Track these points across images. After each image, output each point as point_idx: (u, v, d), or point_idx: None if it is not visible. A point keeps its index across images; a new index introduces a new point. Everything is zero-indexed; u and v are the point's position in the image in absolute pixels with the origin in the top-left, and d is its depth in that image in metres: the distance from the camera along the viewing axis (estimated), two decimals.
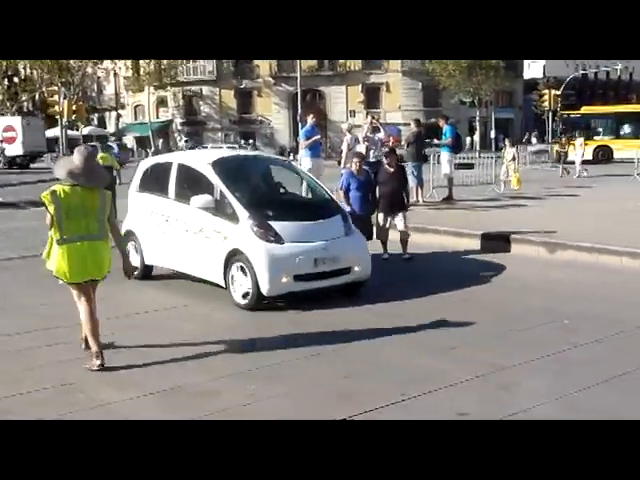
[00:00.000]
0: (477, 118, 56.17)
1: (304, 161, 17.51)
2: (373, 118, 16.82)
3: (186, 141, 58.10)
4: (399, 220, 11.74)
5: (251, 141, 57.53)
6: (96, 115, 71.92)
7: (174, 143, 61.19)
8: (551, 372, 6.31)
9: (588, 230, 12.78)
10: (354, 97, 60.42)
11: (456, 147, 18.84)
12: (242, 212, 8.91)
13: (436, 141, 20.07)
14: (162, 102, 65.91)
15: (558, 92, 40.20)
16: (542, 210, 16.54)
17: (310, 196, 10.53)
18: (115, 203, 16.82)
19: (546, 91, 40.00)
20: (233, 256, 8.84)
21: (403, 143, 20.05)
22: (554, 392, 5.81)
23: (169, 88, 63.23)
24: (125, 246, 7.94)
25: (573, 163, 28.51)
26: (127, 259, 7.21)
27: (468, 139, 55.61)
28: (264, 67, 61.31)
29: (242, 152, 12.17)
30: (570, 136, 31.54)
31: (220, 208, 9.11)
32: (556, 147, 32.63)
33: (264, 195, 10.01)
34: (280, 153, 56.28)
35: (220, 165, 9.65)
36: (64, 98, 26.77)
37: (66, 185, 6.57)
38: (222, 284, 9.04)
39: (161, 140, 21.23)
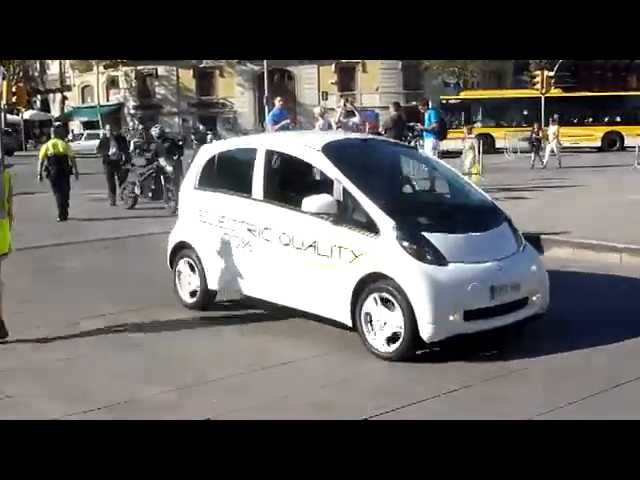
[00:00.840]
0: None
1: None
2: (347, 101, 16.91)
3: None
4: None
5: (209, 133, 57.03)
6: (39, 97, 71.24)
7: (127, 129, 60.82)
8: None
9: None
10: (326, 78, 60.50)
11: (441, 133, 18.96)
12: (384, 220, 6.98)
13: (419, 126, 20.20)
14: (113, 83, 65.48)
15: (551, 74, 40.53)
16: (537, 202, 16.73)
17: (460, 197, 8.33)
18: (66, 202, 16.79)
19: (538, 72, 40.27)
20: (370, 283, 6.96)
21: (380, 129, 20.17)
22: None
23: (121, 67, 62.84)
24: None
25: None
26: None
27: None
28: None
29: (349, 135, 10.26)
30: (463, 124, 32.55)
31: (346, 214, 7.23)
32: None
33: (409, 195, 8.45)
34: None
35: (336, 152, 7.82)
36: (2, 78, 26.38)
37: None
38: (347, 322, 7.19)
39: (108, 126, 21.20)
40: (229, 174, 8.88)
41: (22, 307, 9.04)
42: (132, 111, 65.41)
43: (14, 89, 27.92)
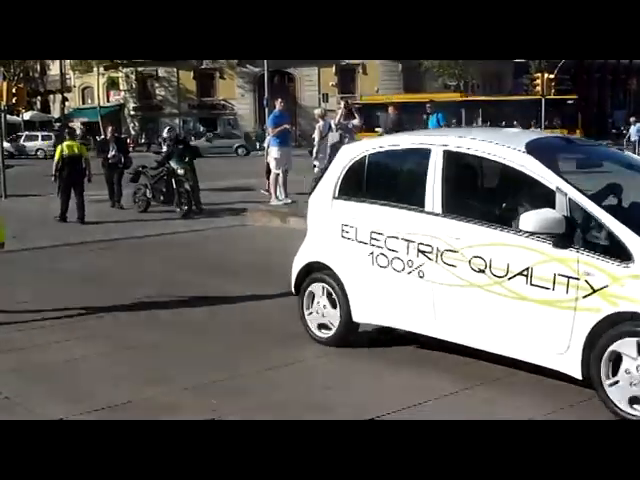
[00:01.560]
0: None
1: (272, 150, 17.55)
2: (347, 103, 16.92)
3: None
4: None
5: (209, 133, 56.91)
6: (39, 99, 71.31)
7: (127, 130, 60.86)
8: None
9: None
10: (327, 80, 60.58)
11: None
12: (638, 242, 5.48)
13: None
14: (113, 84, 65.51)
15: (552, 76, 40.59)
16: None
17: None
18: (82, 204, 16.65)
19: (538, 75, 40.34)
20: (616, 326, 5.52)
21: (381, 130, 20.18)
22: None
23: (121, 69, 62.91)
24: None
25: None
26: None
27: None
28: None
29: (543, 134, 8.50)
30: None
31: (575, 234, 5.74)
32: None
33: None
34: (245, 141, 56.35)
35: (546, 154, 6.33)
36: (3, 79, 26.41)
37: None
38: (572, 373, 5.82)
39: (110, 127, 20.83)
40: (387, 181, 7.45)
41: (31, 305, 9.07)
42: (132, 112, 65.44)
43: (14, 90, 27.82)
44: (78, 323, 8.58)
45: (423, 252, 6.55)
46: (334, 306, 7.31)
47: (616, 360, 5.52)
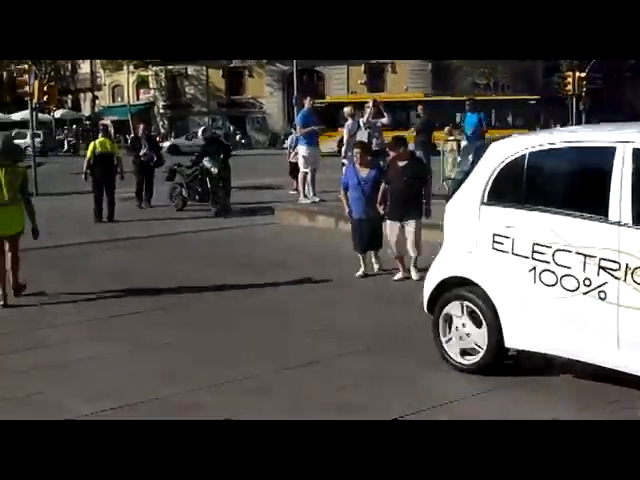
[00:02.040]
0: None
1: (300, 149, 17.57)
2: (375, 101, 16.85)
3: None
4: (409, 231, 10.01)
5: (238, 133, 56.99)
6: (70, 97, 71.82)
7: (156, 128, 61.15)
8: None
9: None
10: (356, 78, 60.44)
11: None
12: None
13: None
14: (143, 83, 65.85)
15: (583, 75, 40.21)
16: None
17: None
18: (112, 201, 16.78)
19: (569, 73, 39.96)
20: None
21: (412, 130, 20.06)
22: None
23: (151, 67, 63.19)
24: (34, 217, 9.66)
25: None
26: (36, 234, 9.65)
27: None
28: None
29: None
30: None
31: None
32: None
33: None
34: (272, 140, 56.41)
35: None
36: (35, 78, 26.61)
37: None
38: None
39: (141, 126, 20.73)
40: (554, 184, 6.50)
41: (57, 302, 9.18)
42: (162, 111, 65.76)
43: (46, 89, 28.05)
44: (102, 322, 8.66)
45: (606, 269, 5.65)
46: (478, 325, 6.44)
47: None
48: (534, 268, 6.04)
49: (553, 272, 5.93)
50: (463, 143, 18.48)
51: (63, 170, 18.04)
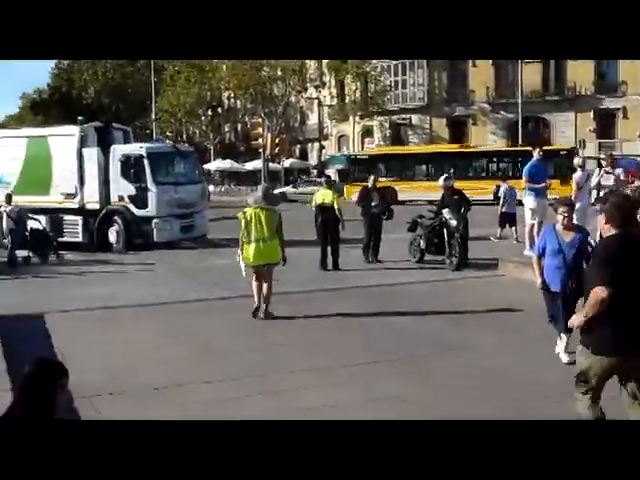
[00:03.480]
0: None
1: (527, 201, 17.29)
2: (611, 155, 16.38)
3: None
4: None
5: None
6: (298, 147, 75.04)
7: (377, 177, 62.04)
8: None
9: None
10: (584, 125, 58.63)
11: None
12: None
13: None
14: (367, 132, 67.50)
15: None
16: None
17: None
18: (337, 250, 17.19)
19: None
20: None
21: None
22: None
23: (375, 117, 64.79)
24: (284, 250, 12.10)
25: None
26: (284, 260, 12.14)
27: None
28: (480, 92, 61.15)
29: None
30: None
31: None
32: None
33: None
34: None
35: None
36: (267, 131, 28.22)
37: (251, 207, 11.97)
38: None
39: (372, 177, 20.04)
40: None
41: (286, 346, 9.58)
42: None
43: (277, 141, 29.70)
44: (339, 370, 8.92)
45: None
46: None
47: None
48: None
49: None
50: None
51: (294, 218, 18.78)
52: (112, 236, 22.82)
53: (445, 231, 16.84)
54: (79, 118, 24.63)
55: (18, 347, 9.42)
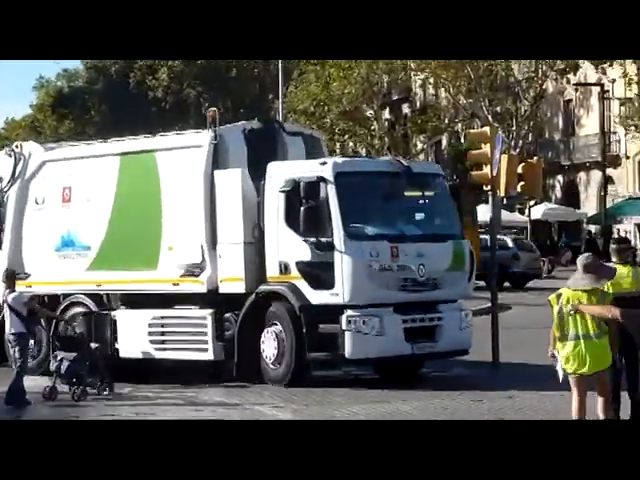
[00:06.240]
0: None
1: None
2: None
3: None
4: None
5: None
6: (559, 179, 47.57)
7: None
8: None
9: None
10: None
11: None
12: None
13: None
14: None
15: None
16: None
17: None
18: None
19: None
20: None
21: None
22: None
23: None
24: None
25: None
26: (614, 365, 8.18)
27: None
28: None
29: None
30: None
31: None
32: None
33: None
34: None
35: None
36: (497, 149, 14.40)
37: (571, 289, 8.05)
38: None
39: None
40: None
41: None
42: None
43: (520, 169, 16.90)
44: None
45: None
46: None
47: None
48: None
49: None
50: None
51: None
52: (268, 348, 12.75)
53: None
54: (210, 110, 13.88)
55: None
